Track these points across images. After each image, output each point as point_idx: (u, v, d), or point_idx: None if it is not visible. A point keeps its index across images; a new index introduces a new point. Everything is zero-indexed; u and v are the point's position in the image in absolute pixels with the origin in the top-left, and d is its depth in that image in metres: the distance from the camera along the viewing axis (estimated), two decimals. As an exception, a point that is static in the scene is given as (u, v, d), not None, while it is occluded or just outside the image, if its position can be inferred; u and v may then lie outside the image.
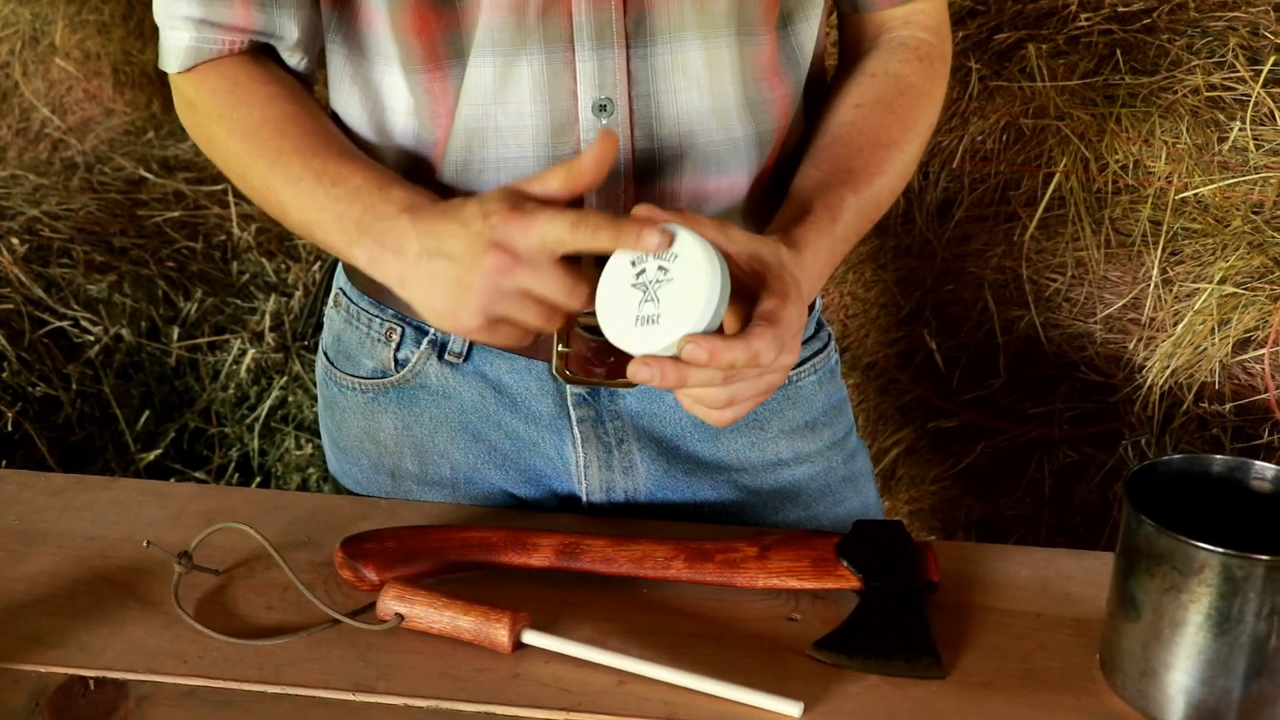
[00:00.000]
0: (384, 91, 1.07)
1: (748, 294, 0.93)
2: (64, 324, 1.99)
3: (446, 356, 1.13)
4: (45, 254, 2.11)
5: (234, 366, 2.06)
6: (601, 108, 1.02)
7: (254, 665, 0.94)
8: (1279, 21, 1.79)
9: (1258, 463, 0.92)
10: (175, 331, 2.05)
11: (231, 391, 2.06)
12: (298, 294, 2.17)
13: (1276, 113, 1.64)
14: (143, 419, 2.00)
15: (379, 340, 1.15)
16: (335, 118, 1.13)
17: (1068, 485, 1.86)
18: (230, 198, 2.36)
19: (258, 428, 2.04)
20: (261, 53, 1.09)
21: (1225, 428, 1.64)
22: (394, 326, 1.14)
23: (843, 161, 1.07)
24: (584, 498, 1.15)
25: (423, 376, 1.14)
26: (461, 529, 1.05)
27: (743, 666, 0.94)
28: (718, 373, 0.89)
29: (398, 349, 1.14)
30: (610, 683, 0.93)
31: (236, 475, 2.02)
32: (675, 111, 1.04)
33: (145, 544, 1.04)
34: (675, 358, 0.89)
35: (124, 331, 2.00)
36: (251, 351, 2.05)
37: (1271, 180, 1.60)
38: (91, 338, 1.98)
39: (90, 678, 0.93)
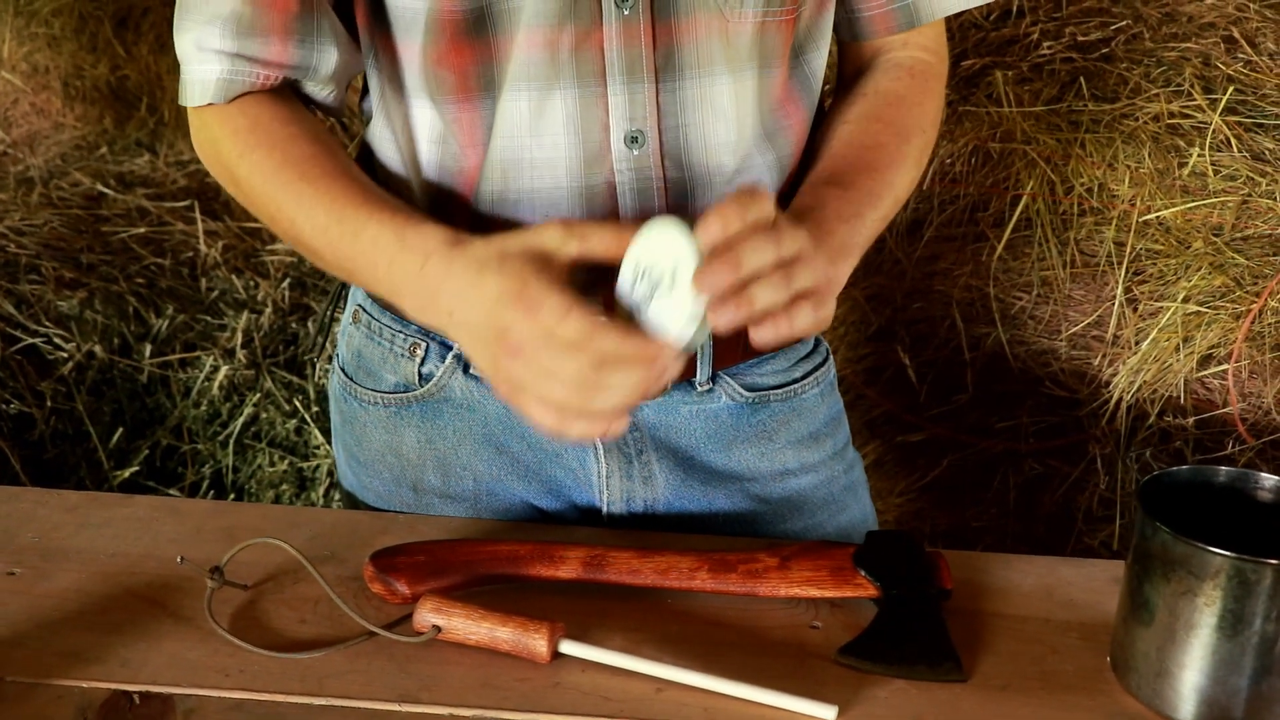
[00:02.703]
0: (414, 121, 1.09)
1: None
2: (36, 341, 1.97)
3: (471, 370, 1.15)
4: (13, 270, 2.09)
5: (206, 383, 2.05)
6: (633, 139, 1.06)
7: (296, 678, 0.96)
8: (1228, 53, 1.88)
9: (1261, 474, 0.97)
10: (147, 348, 2.04)
11: (204, 408, 2.05)
12: (267, 311, 2.18)
13: (1233, 140, 1.72)
14: (116, 436, 1.99)
15: (402, 355, 1.17)
16: (368, 152, 1.15)
17: (1032, 497, 1.92)
18: (196, 214, 2.36)
19: (231, 444, 2.04)
20: (286, 90, 1.09)
21: (1187, 441, 1.71)
22: (418, 341, 1.16)
23: (826, 169, 1.11)
24: (604, 508, 1.18)
25: (447, 390, 1.16)
26: (490, 542, 1.07)
27: (773, 673, 0.97)
28: (761, 246, 0.90)
29: (422, 363, 1.16)
30: (648, 690, 0.96)
31: (211, 492, 2.01)
32: (703, 142, 1.07)
33: (179, 559, 1.05)
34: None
35: (96, 348, 1.99)
36: (224, 368, 2.05)
37: (1230, 204, 1.68)
38: (64, 354, 1.97)
39: (134, 692, 0.94)
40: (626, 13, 1.01)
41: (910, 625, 1.02)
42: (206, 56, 1.04)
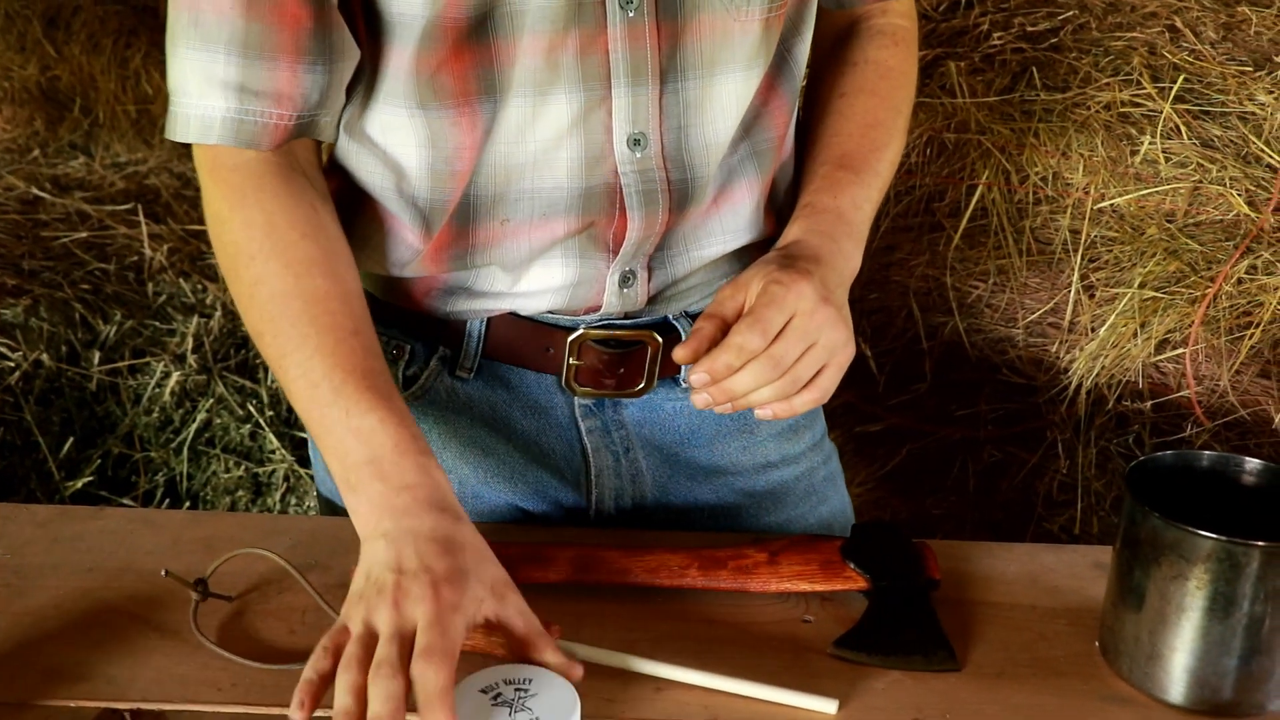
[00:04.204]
0: (391, 127, 1.06)
1: None
2: (-18, 350, 1.93)
3: (457, 372, 1.14)
4: (-47, 278, 2.04)
5: (157, 390, 2.01)
6: (636, 142, 1.05)
7: (290, 689, 0.94)
8: (1173, 42, 1.91)
9: (1245, 458, 0.99)
10: (95, 355, 2.00)
11: (155, 415, 2.02)
12: (217, 315, 2.14)
13: (1182, 128, 1.75)
14: (66, 446, 1.94)
15: (385, 359, 1.15)
16: (334, 167, 1.14)
17: (991, 484, 1.94)
18: (139, 217, 2.31)
19: (184, 451, 2.00)
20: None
21: (1144, 424, 1.74)
22: (402, 344, 1.15)
23: (836, 149, 1.14)
24: (592, 507, 1.18)
25: (432, 393, 1.15)
26: (478, 546, 1.06)
27: (770, 668, 0.98)
28: (758, 370, 0.99)
29: (406, 367, 1.15)
30: (647, 689, 0.95)
31: (166, 501, 1.98)
32: (703, 142, 1.07)
33: (163, 573, 1.02)
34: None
35: (43, 357, 1.95)
36: (175, 374, 2.01)
37: (1181, 191, 1.71)
38: (11, 364, 1.92)
39: (126, 710, 0.92)
40: (631, 14, 1.00)
41: (902, 616, 1.03)
42: (210, 90, 0.97)
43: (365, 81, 1.06)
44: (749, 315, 1.00)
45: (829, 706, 0.94)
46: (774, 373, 1.00)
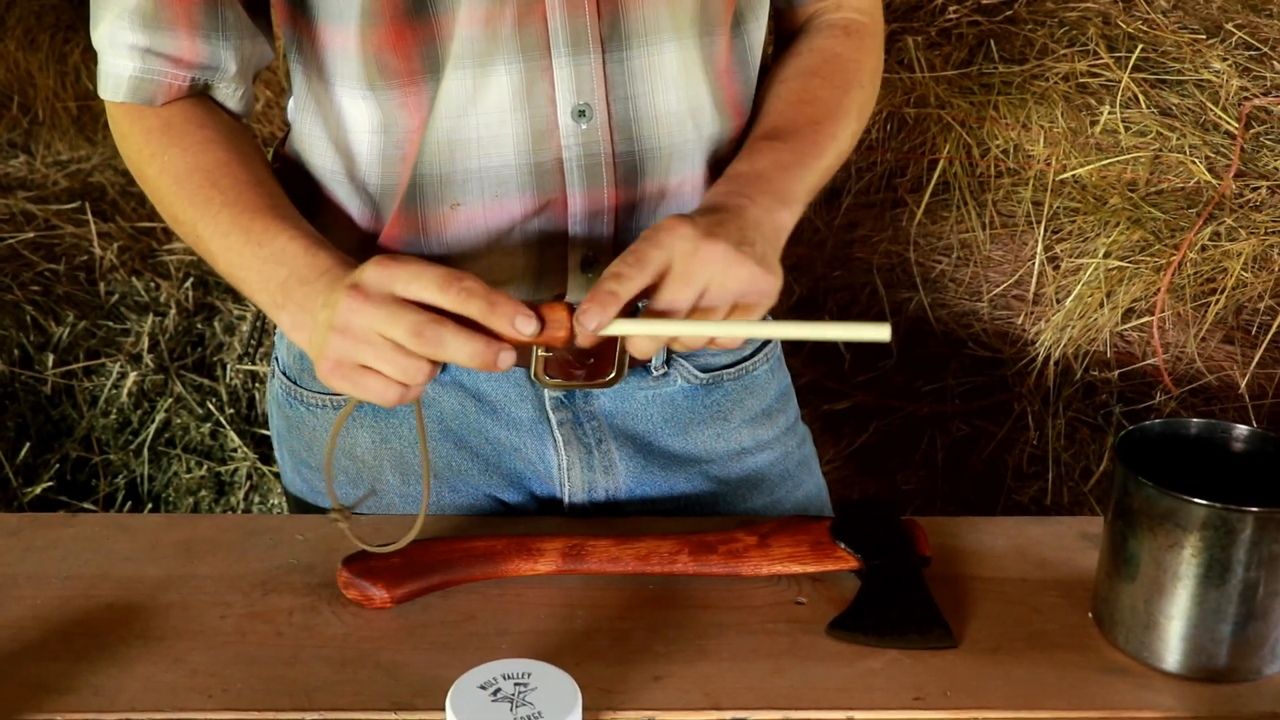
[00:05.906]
0: (344, 112, 1.06)
1: None
2: (-68, 356, 1.88)
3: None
4: (-101, 283, 1.99)
5: (113, 391, 1.97)
6: (581, 113, 1.03)
7: (284, 693, 0.93)
8: (1126, 11, 1.92)
9: (1233, 425, 1.00)
10: (49, 358, 1.95)
11: (113, 417, 1.98)
12: (171, 313, 2.10)
13: (1141, 97, 1.75)
14: (22, 451, 1.90)
15: None
16: (289, 166, 1.12)
17: (960, 458, 1.95)
18: (87, 215, 2.27)
19: (144, 453, 1.96)
20: (200, 94, 1.07)
21: (1112, 393, 1.75)
22: (370, 337, 1.12)
23: (767, 125, 1.10)
24: (565, 499, 1.16)
25: (402, 386, 1.13)
26: (465, 540, 1.05)
27: (768, 652, 0.97)
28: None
29: (375, 359, 1.12)
30: (647, 679, 0.95)
31: (128, 504, 1.94)
32: (653, 113, 1.06)
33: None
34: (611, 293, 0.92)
35: (-4, 361, 1.91)
36: (131, 374, 1.97)
37: (1142, 159, 1.72)
38: (-38, 369, 1.88)
39: (114, 721, 0.90)
40: None
41: (895, 595, 1.03)
42: (120, 51, 1.04)
43: (317, 64, 1.05)
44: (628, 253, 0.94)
45: (883, 333, 0.92)
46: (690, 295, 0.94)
